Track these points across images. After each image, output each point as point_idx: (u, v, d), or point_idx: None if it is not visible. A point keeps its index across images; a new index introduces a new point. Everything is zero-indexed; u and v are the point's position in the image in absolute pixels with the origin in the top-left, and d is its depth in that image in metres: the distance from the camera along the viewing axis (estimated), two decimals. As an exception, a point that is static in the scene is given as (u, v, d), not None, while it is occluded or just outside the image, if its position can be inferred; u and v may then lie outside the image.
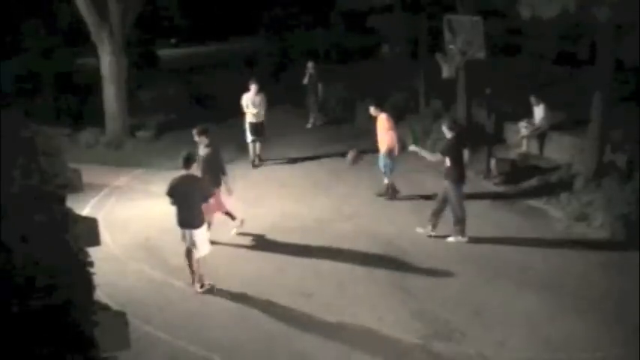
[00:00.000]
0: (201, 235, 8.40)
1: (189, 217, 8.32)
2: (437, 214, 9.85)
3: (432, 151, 10.76)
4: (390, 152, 11.29)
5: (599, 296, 8.10)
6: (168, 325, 7.68)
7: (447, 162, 9.56)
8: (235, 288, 8.54)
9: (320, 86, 16.82)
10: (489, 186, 12.14)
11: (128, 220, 11.07)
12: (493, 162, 12.41)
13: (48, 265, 3.21)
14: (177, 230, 8.56)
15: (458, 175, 9.59)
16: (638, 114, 11.57)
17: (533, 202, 11.19)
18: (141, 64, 20.84)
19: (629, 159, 11.16)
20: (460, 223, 9.69)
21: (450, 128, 9.63)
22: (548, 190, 11.21)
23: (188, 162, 8.32)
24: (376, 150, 11.70)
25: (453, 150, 9.55)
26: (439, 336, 7.35)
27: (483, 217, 10.60)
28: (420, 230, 9.99)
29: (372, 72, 19.44)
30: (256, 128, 13.70)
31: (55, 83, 18.21)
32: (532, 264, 9.06)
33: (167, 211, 9.13)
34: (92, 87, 17.13)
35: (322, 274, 8.93)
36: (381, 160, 11.48)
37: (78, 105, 17.74)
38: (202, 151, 9.61)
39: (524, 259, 9.20)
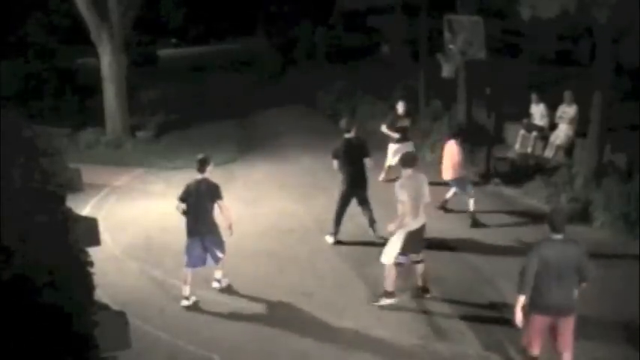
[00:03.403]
0: None
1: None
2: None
3: (432, 151, 10.75)
4: None
5: (598, 296, 8.09)
6: (168, 325, 7.68)
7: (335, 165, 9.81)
8: (235, 288, 8.54)
9: None
10: (489, 186, 12.14)
11: (128, 220, 11.07)
12: (493, 162, 12.40)
13: (48, 265, 3.21)
14: (177, 230, 8.55)
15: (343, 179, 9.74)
16: (639, 114, 11.56)
17: (534, 202, 11.19)
18: (141, 64, 20.86)
19: (629, 159, 11.16)
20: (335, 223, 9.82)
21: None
22: (548, 190, 11.19)
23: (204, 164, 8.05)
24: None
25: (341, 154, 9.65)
26: (439, 336, 7.35)
27: (483, 217, 10.58)
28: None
29: (372, 72, 19.43)
30: None
31: (55, 83, 18.22)
32: (532, 264, 9.03)
33: (167, 211, 9.14)
34: (92, 87, 17.14)
35: (322, 274, 8.93)
36: None
37: (78, 105, 17.75)
38: None
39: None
